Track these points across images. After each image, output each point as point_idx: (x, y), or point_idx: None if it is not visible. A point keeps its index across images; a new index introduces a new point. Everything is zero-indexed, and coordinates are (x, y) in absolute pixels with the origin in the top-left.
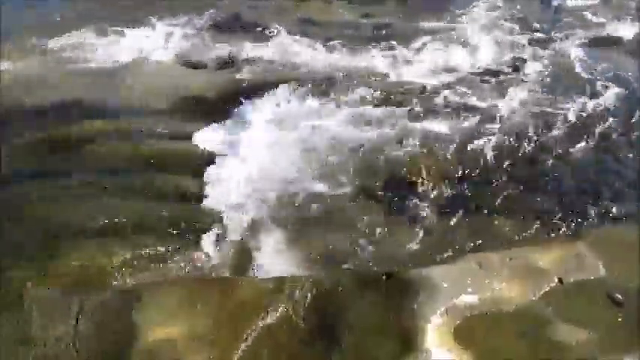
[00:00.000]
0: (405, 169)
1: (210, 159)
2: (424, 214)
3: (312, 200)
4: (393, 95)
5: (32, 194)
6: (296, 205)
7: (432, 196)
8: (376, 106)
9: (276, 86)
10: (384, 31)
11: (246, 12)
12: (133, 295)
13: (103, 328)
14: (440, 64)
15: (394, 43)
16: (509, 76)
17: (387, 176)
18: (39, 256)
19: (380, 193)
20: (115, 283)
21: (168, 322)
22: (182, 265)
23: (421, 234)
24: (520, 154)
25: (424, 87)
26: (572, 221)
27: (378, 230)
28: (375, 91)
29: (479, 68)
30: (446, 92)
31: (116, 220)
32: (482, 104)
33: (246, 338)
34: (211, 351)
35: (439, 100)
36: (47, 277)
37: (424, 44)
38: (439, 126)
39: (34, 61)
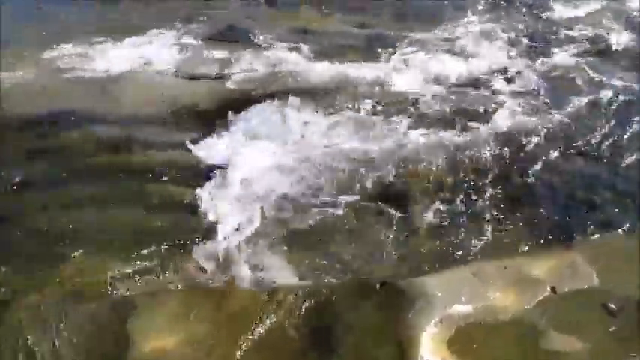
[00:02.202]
0: (400, 178)
1: (205, 169)
2: (419, 223)
3: (306, 210)
4: (388, 105)
5: (27, 204)
6: (291, 215)
7: (427, 205)
8: (371, 115)
9: (271, 96)
10: (378, 41)
11: (240, 22)
12: (128, 305)
13: (98, 338)
14: (434, 73)
15: (388, 52)
16: (502, 86)
17: (383, 186)
18: (34, 266)
19: (375, 202)
20: (110, 292)
21: (163, 331)
22: (177, 275)
23: (416, 243)
24: (514, 164)
25: (418, 97)
26: (565, 230)
27: (373, 239)
28: (369, 101)
29: (472, 78)
30: (440, 102)
31: (111, 229)
32: (476, 114)
33: (242, 347)
34: None
35: (433, 109)
36: (42, 287)
37: (418, 54)
38: (433, 135)
39: (30, 70)
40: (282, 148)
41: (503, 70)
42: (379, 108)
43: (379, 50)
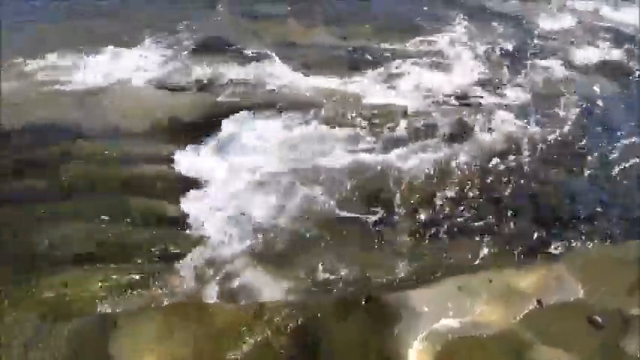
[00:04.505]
0: (385, 192)
1: (189, 182)
2: (405, 237)
3: (292, 224)
4: (373, 118)
5: (7, 218)
6: (276, 229)
7: (413, 219)
8: (355, 128)
9: (255, 109)
10: (362, 54)
11: (225, 34)
12: (110, 323)
13: (79, 356)
14: (418, 86)
15: (372, 65)
16: (485, 98)
17: (368, 200)
18: (13, 283)
19: (361, 216)
20: (91, 310)
21: (145, 349)
22: (160, 291)
23: (401, 257)
24: (499, 177)
25: (405, 109)
26: (551, 243)
27: (359, 254)
28: (354, 113)
29: (456, 91)
30: (424, 115)
31: (93, 245)
32: (460, 127)
33: None
34: None
35: (418, 122)
36: (21, 304)
37: (402, 67)
38: (418, 149)
39: (11, 83)
40: (266, 161)
41: (487, 83)
42: (363, 121)
43: (363, 63)
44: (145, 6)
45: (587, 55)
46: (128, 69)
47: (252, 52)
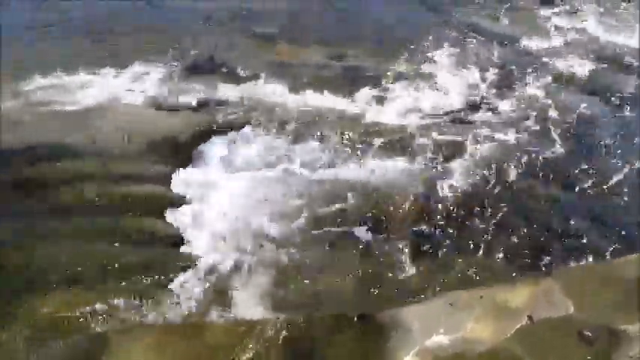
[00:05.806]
0: (377, 209)
1: (182, 202)
2: (397, 254)
3: (282, 242)
4: (364, 136)
5: (2, 237)
6: (269, 247)
7: (404, 236)
8: (348, 147)
9: (249, 128)
10: (355, 73)
11: (219, 54)
12: (103, 341)
13: None
14: (411, 105)
15: (364, 84)
16: (477, 116)
17: (361, 218)
18: (5, 301)
19: (351, 233)
20: (82, 329)
21: None
22: (152, 311)
23: (393, 274)
24: (489, 193)
25: (395, 129)
26: (541, 259)
27: (352, 271)
28: (346, 132)
29: (448, 110)
30: (418, 133)
31: (85, 264)
32: (452, 145)
33: None
34: None
35: (411, 141)
36: (14, 322)
37: (394, 86)
38: (411, 166)
39: (5, 102)
40: (262, 179)
41: (478, 101)
42: (356, 139)
43: (356, 82)
44: (141, 26)
45: (577, 72)
46: (122, 90)
47: (245, 72)
